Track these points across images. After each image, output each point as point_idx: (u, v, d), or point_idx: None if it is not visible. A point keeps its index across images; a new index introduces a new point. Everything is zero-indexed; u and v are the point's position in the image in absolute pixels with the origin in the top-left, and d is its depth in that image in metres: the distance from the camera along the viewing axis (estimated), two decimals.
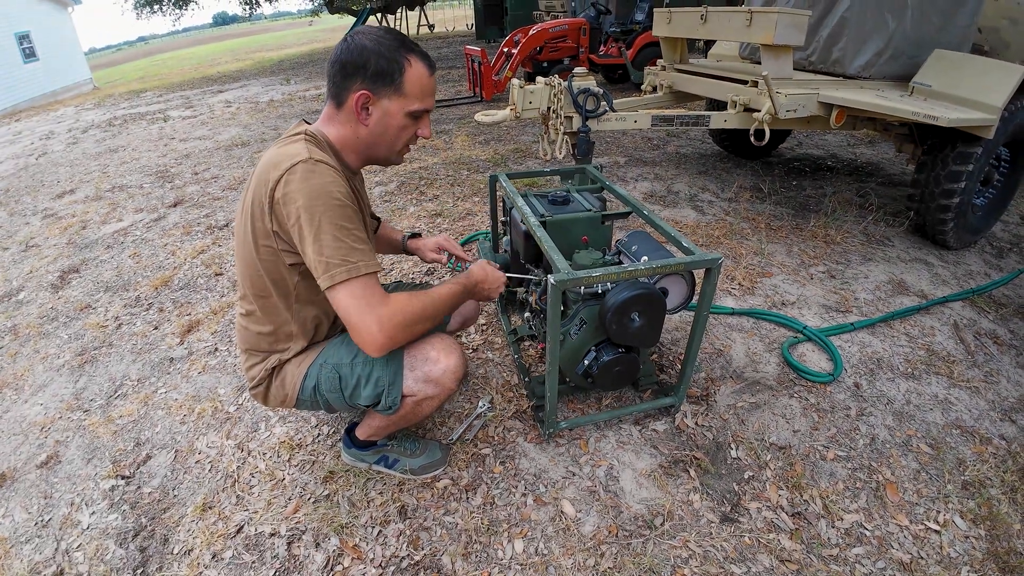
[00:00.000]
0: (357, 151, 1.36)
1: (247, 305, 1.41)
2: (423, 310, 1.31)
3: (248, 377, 1.49)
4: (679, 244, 1.59)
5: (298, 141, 1.26)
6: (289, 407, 1.52)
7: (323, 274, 1.18)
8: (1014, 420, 1.93)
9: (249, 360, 1.47)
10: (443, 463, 1.72)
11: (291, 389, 1.44)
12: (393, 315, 1.23)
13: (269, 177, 1.20)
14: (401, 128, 1.33)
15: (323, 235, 1.17)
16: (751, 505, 1.59)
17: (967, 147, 2.76)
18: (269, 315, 1.40)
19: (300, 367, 1.44)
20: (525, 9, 13.66)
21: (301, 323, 1.42)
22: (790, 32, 2.70)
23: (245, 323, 1.44)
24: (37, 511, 1.70)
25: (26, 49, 15.29)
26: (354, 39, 1.25)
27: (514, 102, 2.88)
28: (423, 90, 1.30)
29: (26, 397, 2.23)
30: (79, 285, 3.12)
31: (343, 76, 1.26)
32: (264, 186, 1.21)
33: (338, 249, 1.18)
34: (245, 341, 1.46)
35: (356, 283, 1.19)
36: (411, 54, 1.27)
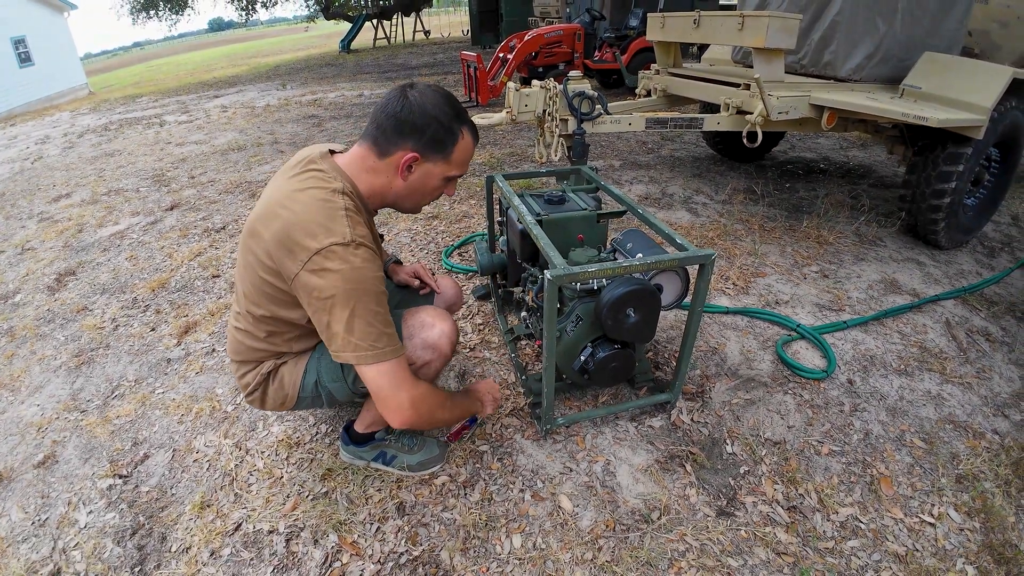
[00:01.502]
0: (384, 199, 1.36)
1: (245, 323, 1.40)
2: (443, 402, 1.41)
3: (241, 385, 1.48)
4: (673, 241, 1.61)
5: (337, 206, 1.19)
6: (289, 407, 1.51)
7: (350, 352, 1.20)
8: (1007, 415, 1.95)
9: (242, 369, 1.47)
10: (441, 460, 1.73)
11: (291, 389, 1.44)
12: (424, 396, 1.31)
13: (300, 242, 1.17)
14: (435, 189, 1.37)
15: (356, 321, 1.18)
16: (747, 499, 1.61)
17: (957, 148, 2.80)
18: (269, 336, 1.40)
19: (297, 366, 1.44)
20: (520, 15, 13.75)
21: (304, 343, 1.45)
22: (781, 36, 2.73)
23: (240, 336, 1.42)
24: (34, 510, 1.69)
25: (22, 54, 15.29)
26: (416, 99, 1.24)
27: (510, 105, 2.90)
28: (465, 160, 1.35)
29: (23, 398, 2.22)
30: (75, 287, 3.12)
31: (397, 132, 1.25)
32: (291, 248, 1.18)
33: (368, 335, 1.19)
34: (239, 352, 1.45)
35: (386, 364, 1.23)
36: (464, 126, 1.30)
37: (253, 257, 1.28)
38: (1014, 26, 3.86)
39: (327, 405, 1.55)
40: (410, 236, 3.36)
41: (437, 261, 3.03)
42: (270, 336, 1.40)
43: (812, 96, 2.92)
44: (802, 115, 2.97)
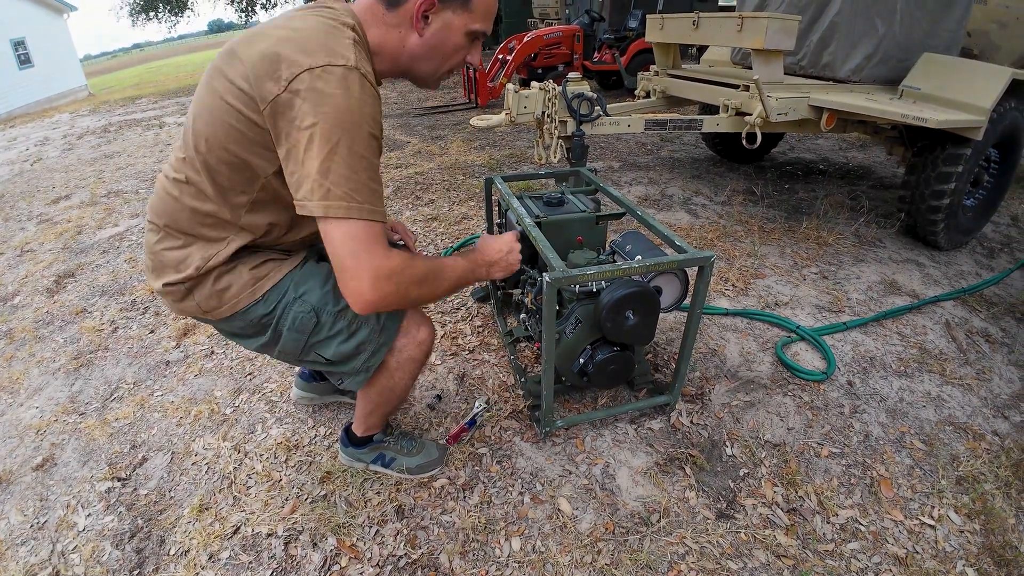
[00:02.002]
0: (396, 61, 1.16)
1: (189, 172, 1.12)
2: (424, 276, 1.15)
3: (158, 261, 1.20)
4: (672, 243, 1.61)
5: (344, 34, 1.03)
6: (214, 319, 1.24)
7: (318, 200, 0.98)
8: (1007, 416, 1.95)
9: (166, 241, 1.18)
10: (440, 463, 1.72)
11: (229, 304, 1.20)
12: (392, 272, 1.06)
13: (289, 57, 0.98)
14: (456, 48, 1.17)
15: (336, 159, 0.97)
16: (747, 502, 1.60)
17: (956, 149, 2.80)
18: (216, 194, 1.12)
19: (257, 285, 1.21)
20: (519, 16, 13.76)
21: (252, 220, 1.17)
22: (780, 37, 2.74)
23: (177, 191, 1.14)
24: (33, 513, 1.69)
25: (21, 55, 15.31)
26: None
27: (509, 107, 2.90)
28: (488, 11, 1.15)
29: (21, 400, 2.22)
30: (74, 289, 3.12)
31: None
32: (275, 65, 0.98)
33: (348, 180, 0.99)
34: (168, 214, 1.16)
35: (358, 224, 1.01)
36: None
37: (222, 83, 1.04)
38: (1013, 27, 3.87)
39: (261, 348, 1.30)
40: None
41: None
42: (221, 194, 1.13)
43: (811, 97, 2.92)
44: (801, 116, 2.97)
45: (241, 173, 1.10)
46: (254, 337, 1.29)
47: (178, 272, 1.18)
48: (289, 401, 2.04)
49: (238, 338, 1.31)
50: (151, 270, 1.23)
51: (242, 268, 1.20)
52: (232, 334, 1.31)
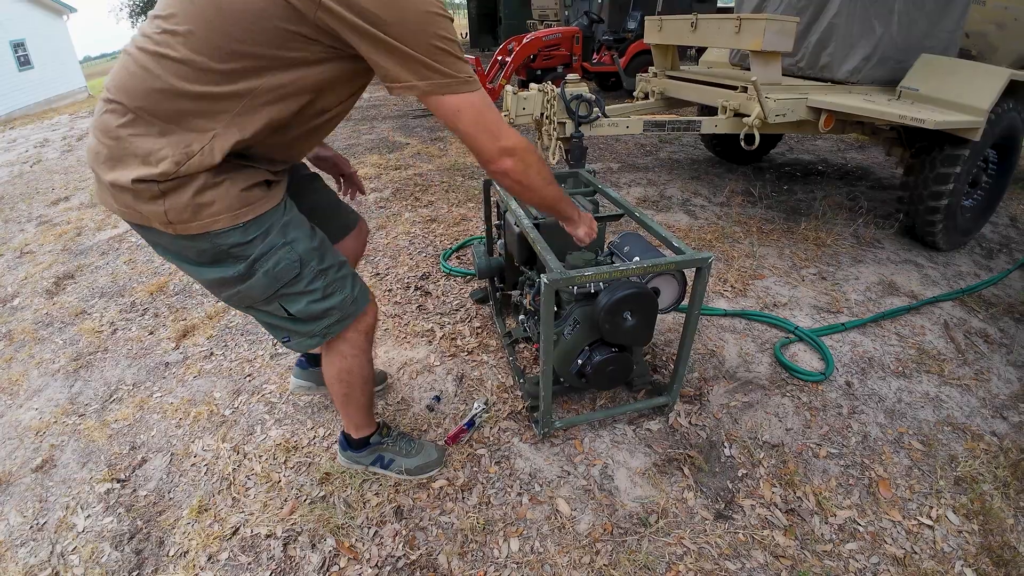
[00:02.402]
0: None
1: (182, 47, 0.96)
2: (542, 173, 1.23)
3: (122, 148, 1.00)
4: (670, 244, 1.61)
5: None
6: (175, 232, 1.06)
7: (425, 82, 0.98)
8: (1005, 417, 1.95)
9: (135, 126, 1.00)
10: (439, 464, 1.72)
11: (204, 222, 1.05)
12: (519, 149, 1.13)
13: None
14: None
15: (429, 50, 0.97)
16: (745, 502, 1.61)
17: (954, 149, 2.81)
18: (213, 77, 0.97)
19: (242, 210, 1.08)
20: (519, 18, 13.77)
21: (242, 121, 1.02)
22: (778, 38, 2.75)
23: (159, 68, 0.97)
24: (32, 514, 1.69)
25: (21, 57, 15.33)
26: None
27: (508, 108, 2.91)
28: None
29: (21, 402, 2.22)
30: (74, 291, 3.12)
31: None
32: None
33: (454, 63, 1.00)
34: (142, 94, 0.99)
35: (477, 95, 1.04)
36: None
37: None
38: (1011, 28, 3.88)
39: (221, 286, 1.18)
40: (408, 239, 3.36)
41: (435, 264, 3.03)
42: (221, 76, 0.98)
43: (809, 98, 2.93)
44: (799, 117, 2.98)
45: (254, 58, 0.97)
46: (212, 266, 1.13)
47: (148, 166, 0.99)
48: (288, 402, 2.05)
49: (189, 264, 1.15)
50: (108, 159, 1.02)
51: (231, 186, 1.06)
52: (183, 258, 1.14)
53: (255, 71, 0.99)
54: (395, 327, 2.47)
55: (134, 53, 1.01)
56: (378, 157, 5.10)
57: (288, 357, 2.30)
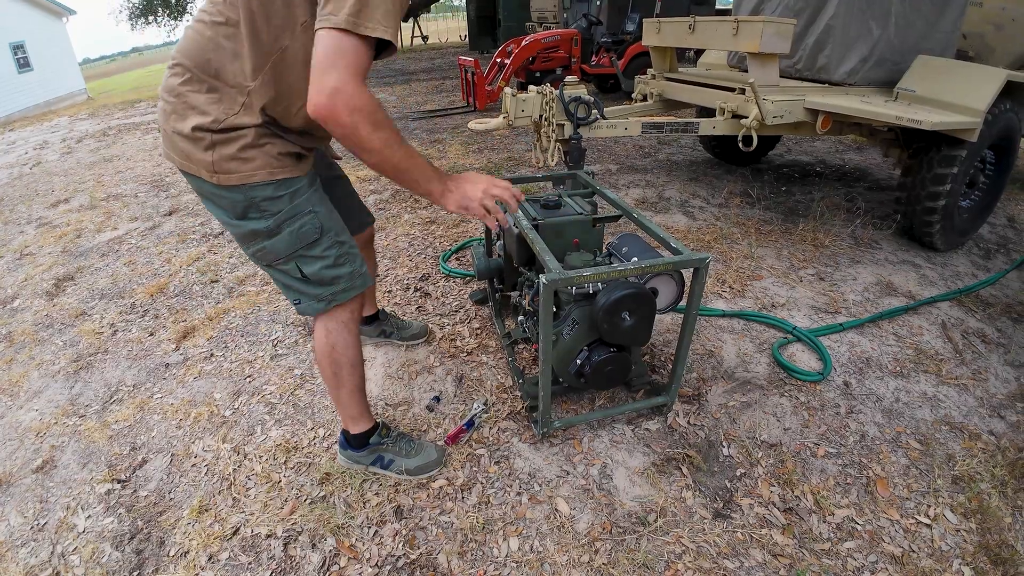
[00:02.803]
0: None
1: (229, 12, 1.15)
2: (388, 128, 1.12)
3: (183, 102, 1.19)
4: (668, 245, 1.62)
5: None
6: (218, 184, 1.23)
7: (328, 10, 1.01)
8: (1003, 416, 1.96)
9: (192, 84, 1.19)
10: (439, 464, 1.73)
11: (244, 173, 1.22)
12: (357, 97, 1.03)
13: None
14: None
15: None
16: (743, 501, 1.61)
17: (951, 150, 2.81)
18: (249, 42, 1.15)
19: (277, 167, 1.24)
20: (518, 20, 13.77)
21: (273, 79, 1.19)
22: (776, 40, 2.75)
23: (212, 32, 1.17)
24: (33, 515, 1.69)
25: (20, 59, 15.34)
26: None
27: (507, 110, 2.92)
28: None
29: (21, 403, 2.22)
30: (74, 293, 3.12)
31: None
32: None
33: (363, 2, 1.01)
34: (200, 55, 1.18)
35: (351, 40, 1.01)
36: None
37: None
38: (1009, 28, 3.88)
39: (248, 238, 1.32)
40: (408, 240, 3.37)
41: (435, 265, 3.04)
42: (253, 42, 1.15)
43: (807, 100, 2.94)
44: (797, 119, 2.99)
45: (280, 19, 1.14)
46: (244, 220, 1.28)
47: (203, 116, 1.18)
48: (288, 403, 2.05)
49: (225, 215, 1.30)
50: (172, 113, 1.21)
51: (270, 149, 1.23)
52: (221, 208, 1.29)
53: (284, 35, 1.16)
54: None
55: (196, 26, 1.21)
56: None
57: (288, 358, 2.31)
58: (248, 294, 2.88)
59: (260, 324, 2.59)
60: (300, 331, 2.50)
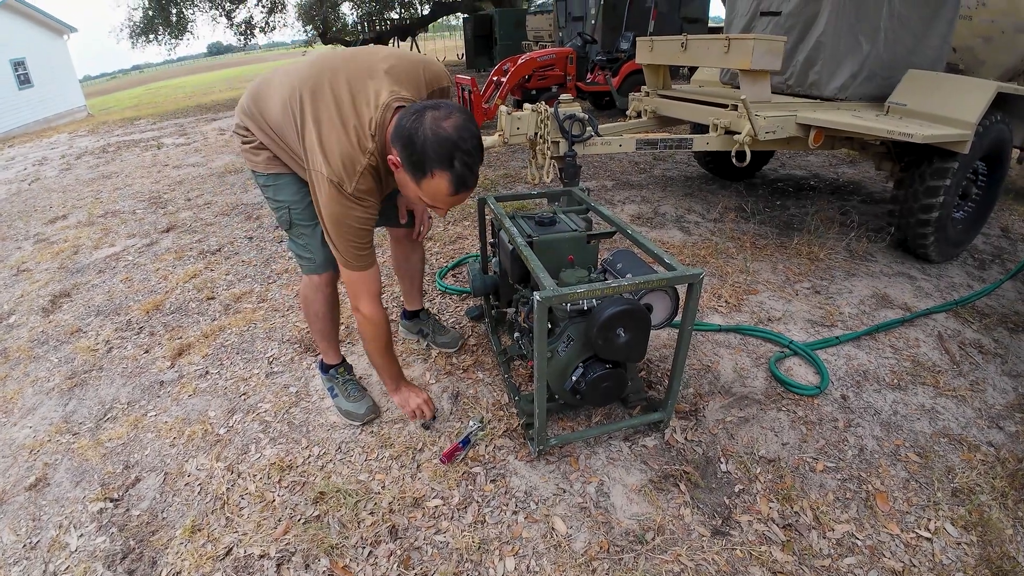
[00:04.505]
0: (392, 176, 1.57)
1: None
2: (378, 337, 1.78)
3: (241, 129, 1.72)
4: (662, 261, 1.63)
5: (360, 162, 1.44)
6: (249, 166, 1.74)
7: (334, 252, 1.59)
8: (1001, 427, 1.95)
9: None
10: (360, 419, 1.97)
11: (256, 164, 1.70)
12: (371, 323, 1.72)
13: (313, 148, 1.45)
14: (416, 199, 1.48)
15: (337, 238, 1.54)
16: (742, 518, 1.60)
17: (943, 162, 2.83)
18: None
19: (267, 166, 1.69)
20: (514, 39, 13.98)
21: None
22: (767, 58, 2.79)
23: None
24: (25, 533, 1.68)
25: (21, 75, 15.44)
26: (427, 122, 1.32)
27: (502, 128, 2.95)
28: (436, 196, 1.41)
29: (15, 420, 2.21)
30: (70, 309, 3.12)
31: (396, 134, 1.38)
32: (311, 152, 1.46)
33: (346, 250, 1.56)
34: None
35: (355, 274, 1.62)
36: (442, 170, 1.34)
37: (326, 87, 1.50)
38: (998, 41, 3.93)
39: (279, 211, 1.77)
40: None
41: (431, 282, 3.04)
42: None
43: (799, 115, 2.97)
44: (789, 134, 3.01)
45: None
46: (264, 193, 1.78)
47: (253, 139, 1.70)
48: (283, 421, 2.05)
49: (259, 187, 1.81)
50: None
51: (270, 153, 1.68)
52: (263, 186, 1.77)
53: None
54: None
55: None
56: None
57: (283, 376, 2.30)
58: (244, 311, 2.88)
59: (256, 342, 2.58)
60: (296, 348, 2.49)
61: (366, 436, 1.94)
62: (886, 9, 3.12)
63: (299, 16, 19.62)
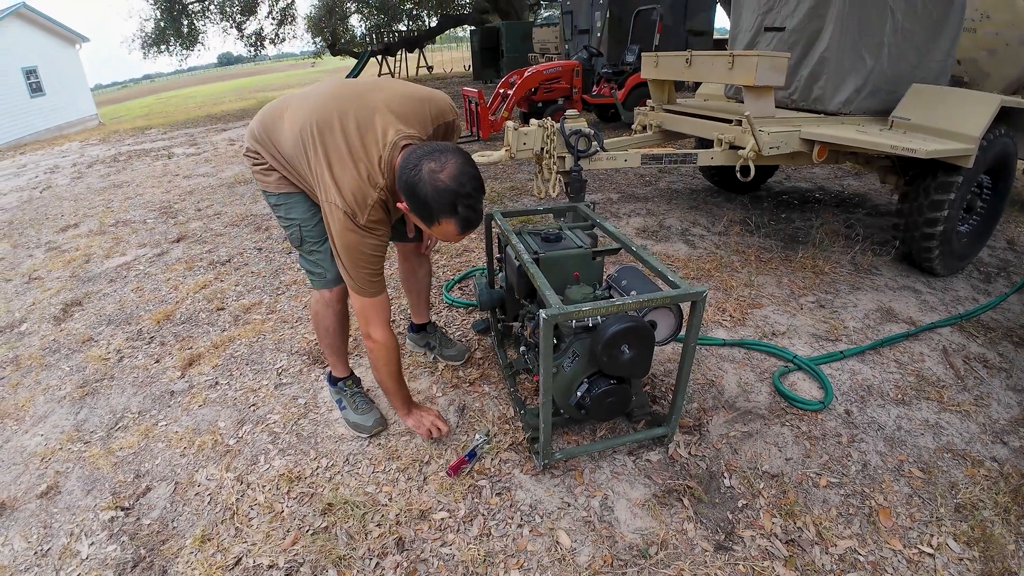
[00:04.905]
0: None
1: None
2: (388, 362, 1.81)
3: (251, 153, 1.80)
4: (665, 278, 1.65)
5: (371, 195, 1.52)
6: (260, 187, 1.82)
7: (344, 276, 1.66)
8: (1005, 442, 1.95)
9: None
10: (367, 431, 2.00)
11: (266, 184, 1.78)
12: (381, 347, 1.76)
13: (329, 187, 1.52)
14: (428, 235, 1.66)
15: (348, 264, 1.60)
16: (745, 533, 1.61)
17: (948, 177, 2.83)
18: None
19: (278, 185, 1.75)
20: (521, 51, 14.06)
21: None
22: (770, 74, 2.82)
23: None
24: (37, 540, 1.71)
25: (33, 83, 15.66)
26: (426, 174, 1.40)
27: (509, 143, 2.99)
28: (447, 237, 1.53)
29: (27, 427, 2.25)
30: (81, 318, 3.16)
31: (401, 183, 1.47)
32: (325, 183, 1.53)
33: (357, 277, 1.62)
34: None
35: (366, 300, 1.67)
36: (449, 216, 1.44)
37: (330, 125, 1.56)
38: (1002, 53, 3.93)
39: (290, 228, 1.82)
40: None
41: (438, 295, 3.07)
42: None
43: (802, 131, 2.99)
44: (793, 149, 3.03)
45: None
46: (275, 212, 1.84)
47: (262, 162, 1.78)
48: (292, 432, 2.07)
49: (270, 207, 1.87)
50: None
51: (279, 174, 1.75)
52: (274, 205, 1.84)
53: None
54: None
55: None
56: None
57: (292, 387, 2.33)
58: (253, 322, 2.91)
59: (265, 353, 2.61)
60: (304, 360, 2.53)
61: (374, 448, 1.97)
62: (890, 24, 3.14)
63: (308, 28, 19.89)
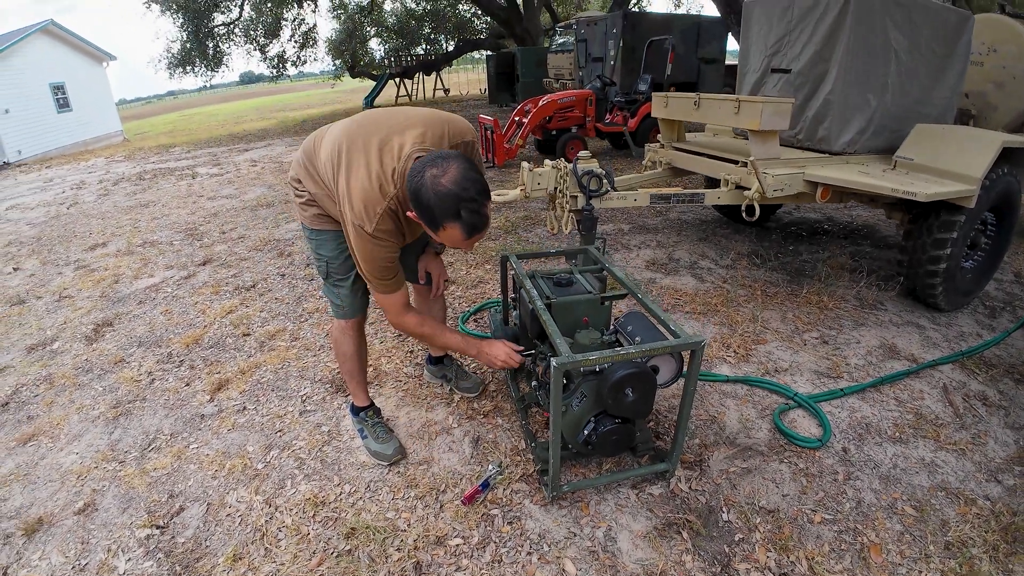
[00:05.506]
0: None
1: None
2: (423, 334, 1.96)
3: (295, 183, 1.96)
4: (667, 328, 1.78)
5: (381, 205, 1.61)
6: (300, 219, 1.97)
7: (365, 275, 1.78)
8: (999, 480, 1.99)
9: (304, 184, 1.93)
10: (387, 460, 2.11)
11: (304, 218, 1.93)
12: (410, 325, 1.89)
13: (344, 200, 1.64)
14: (437, 241, 1.72)
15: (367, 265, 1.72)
16: (740, 566, 1.69)
17: (950, 215, 2.88)
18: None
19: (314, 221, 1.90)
20: (535, 76, 14.33)
21: None
22: (775, 119, 2.93)
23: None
24: (74, 555, 1.82)
25: (60, 99, 16.18)
26: (428, 181, 1.48)
27: (523, 183, 3.13)
28: (453, 242, 1.60)
29: (62, 445, 2.36)
30: (112, 338, 3.30)
31: (408, 191, 1.55)
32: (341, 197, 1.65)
33: (375, 274, 1.75)
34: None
35: (385, 296, 1.82)
36: (454, 221, 1.50)
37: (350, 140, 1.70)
38: (1010, 86, 3.94)
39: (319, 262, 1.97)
40: None
41: (453, 326, 3.18)
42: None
43: (806, 172, 3.09)
44: (797, 190, 3.12)
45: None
46: (309, 243, 1.99)
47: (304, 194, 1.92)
48: (316, 458, 2.19)
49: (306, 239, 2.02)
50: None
51: (318, 209, 1.89)
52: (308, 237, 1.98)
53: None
54: (415, 387, 2.62)
55: None
56: None
57: (316, 415, 2.46)
58: (278, 349, 3.05)
59: (289, 380, 2.74)
60: (327, 388, 2.65)
61: (393, 476, 2.08)
62: (894, 65, 3.23)
63: (329, 51, 20.42)
